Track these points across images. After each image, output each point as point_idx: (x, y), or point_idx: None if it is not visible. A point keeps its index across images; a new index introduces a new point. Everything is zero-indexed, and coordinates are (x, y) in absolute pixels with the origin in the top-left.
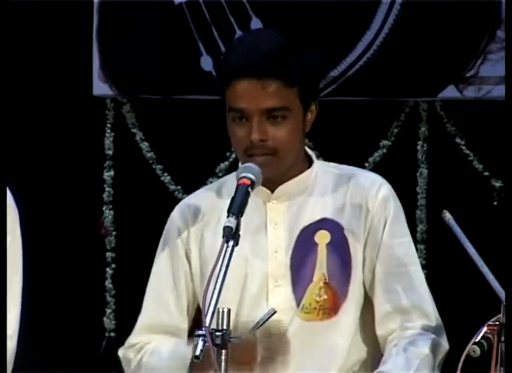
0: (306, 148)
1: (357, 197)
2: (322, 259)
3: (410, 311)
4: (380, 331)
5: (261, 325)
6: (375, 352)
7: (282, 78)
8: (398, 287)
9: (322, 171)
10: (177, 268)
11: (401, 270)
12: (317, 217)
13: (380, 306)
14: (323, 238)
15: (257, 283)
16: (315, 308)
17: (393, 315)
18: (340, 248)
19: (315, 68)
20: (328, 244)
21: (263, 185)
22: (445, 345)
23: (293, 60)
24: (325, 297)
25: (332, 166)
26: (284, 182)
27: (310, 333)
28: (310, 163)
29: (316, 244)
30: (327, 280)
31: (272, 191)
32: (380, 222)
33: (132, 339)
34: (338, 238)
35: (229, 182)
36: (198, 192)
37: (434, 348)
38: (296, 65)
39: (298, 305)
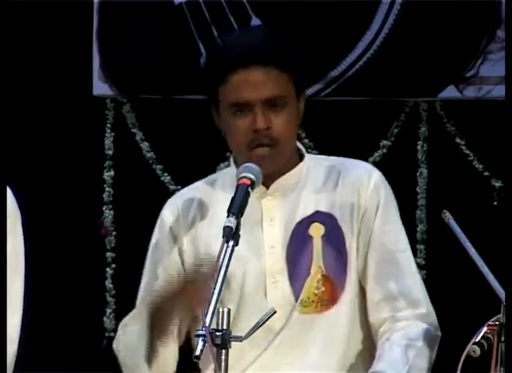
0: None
1: (349, 187)
2: (318, 251)
3: (398, 298)
4: (371, 320)
5: (260, 326)
6: (373, 342)
7: (282, 64)
8: (388, 275)
9: (313, 164)
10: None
11: (392, 256)
12: (311, 211)
13: (371, 294)
14: (317, 230)
15: (255, 279)
16: (313, 301)
17: (382, 304)
18: (335, 239)
19: (303, 57)
20: (323, 236)
21: None
22: (437, 333)
23: (288, 48)
24: (323, 289)
25: (322, 159)
26: (278, 177)
27: (308, 325)
28: (300, 157)
29: (311, 237)
30: (324, 273)
31: (267, 187)
32: (372, 210)
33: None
34: (332, 230)
35: (223, 176)
36: (184, 191)
37: (427, 338)
38: (291, 53)
39: (296, 299)
